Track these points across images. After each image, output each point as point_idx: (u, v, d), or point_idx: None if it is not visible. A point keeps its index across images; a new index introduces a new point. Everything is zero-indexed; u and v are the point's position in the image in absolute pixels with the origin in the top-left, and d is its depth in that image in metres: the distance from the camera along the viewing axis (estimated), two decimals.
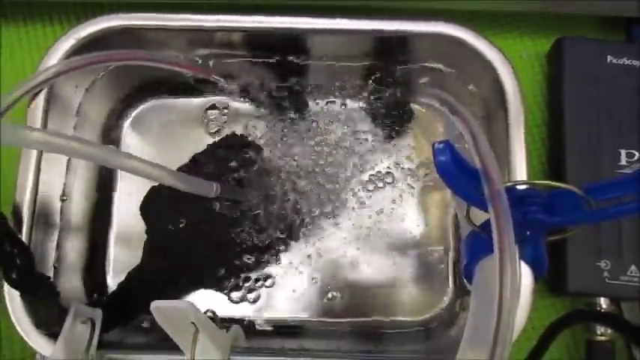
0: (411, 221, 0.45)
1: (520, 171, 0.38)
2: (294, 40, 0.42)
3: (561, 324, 0.38)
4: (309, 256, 0.44)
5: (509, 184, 0.29)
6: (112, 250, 0.45)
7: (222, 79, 0.44)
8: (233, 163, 0.46)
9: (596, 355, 0.40)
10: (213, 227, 0.44)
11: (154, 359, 0.36)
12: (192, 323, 0.30)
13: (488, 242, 0.26)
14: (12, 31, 0.48)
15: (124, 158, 0.33)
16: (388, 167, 0.46)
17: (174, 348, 0.31)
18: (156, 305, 0.28)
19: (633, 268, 0.40)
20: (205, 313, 0.32)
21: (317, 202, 0.45)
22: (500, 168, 0.38)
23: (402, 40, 0.42)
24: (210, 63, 0.44)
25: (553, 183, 0.29)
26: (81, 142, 0.31)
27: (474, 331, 0.29)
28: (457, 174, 0.27)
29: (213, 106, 0.47)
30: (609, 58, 0.44)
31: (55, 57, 0.40)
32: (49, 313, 0.37)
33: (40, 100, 0.39)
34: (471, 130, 0.29)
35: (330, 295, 0.44)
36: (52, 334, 0.35)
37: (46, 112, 0.40)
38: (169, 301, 0.28)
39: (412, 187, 0.46)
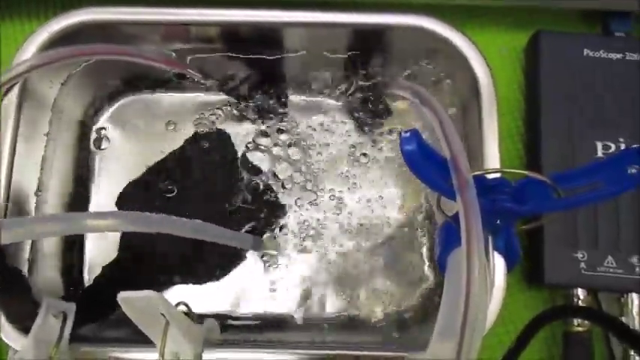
0: (386, 212, 0.45)
1: (493, 162, 0.37)
2: (271, 34, 0.42)
3: (542, 320, 0.38)
4: (285, 252, 0.44)
5: (477, 172, 0.29)
6: (89, 245, 0.44)
7: (198, 74, 0.44)
8: (206, 159, 0.45)
9: (573, 346, 0.40)
10: None
11: (128, 353, 0.36)
12: (163, 315, 0.30)
13: (459, 232, 0.26)
14: None
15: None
16: (364, 160, 0.46)
17: (149, 342, 0.31)
18: (123, 296, 0.28)
19: (610, 259, 0.40)
20: (177, 305, 0.32)
21: (294, 195, 0.45)
22: (475, 159, 0.38)
23: (378, 33, 0.42)
24: (188, 58, 0.44)
25: (520, 171, 0.30)
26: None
27: (444, 322, 0.29)
28: (424, 163, 0.28)
29: (193, 102, 0.47)
30: (586, 51, 0.44)
31: (28, 52, 0.40)
32: (21, 307, 0.36)
33: (14, 95, 0.39)
34: (440, 119, 0.29)
35: (306, 290, 0.43)
36: (25, 329, 0.35)
37: (19, 107, 0.39)
38: (137, 292, 0.28)
39: (387, 179, 0.46)
